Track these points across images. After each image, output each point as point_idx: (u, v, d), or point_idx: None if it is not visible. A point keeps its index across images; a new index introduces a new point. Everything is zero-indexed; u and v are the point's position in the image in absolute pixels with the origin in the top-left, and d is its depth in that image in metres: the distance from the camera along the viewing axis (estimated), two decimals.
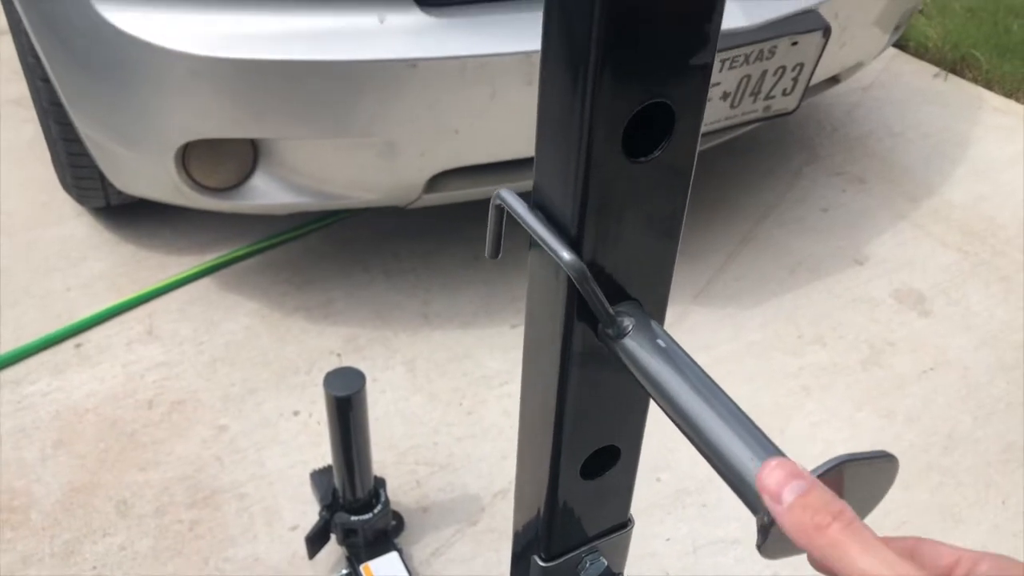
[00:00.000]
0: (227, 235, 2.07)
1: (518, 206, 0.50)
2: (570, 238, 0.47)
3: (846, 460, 0.40)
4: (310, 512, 1.46)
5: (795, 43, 1.64)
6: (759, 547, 0.42)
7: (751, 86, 1.67)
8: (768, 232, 2.19)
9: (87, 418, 1.64)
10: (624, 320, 0.50)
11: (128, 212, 2.09)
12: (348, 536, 1.37)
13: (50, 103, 1.83)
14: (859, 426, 1.69)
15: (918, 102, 2.75)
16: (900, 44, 3.01)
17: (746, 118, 1.75)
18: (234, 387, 1.71)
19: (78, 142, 1.79)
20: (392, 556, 1.37)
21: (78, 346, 1.79)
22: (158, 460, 1.57)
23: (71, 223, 2.11)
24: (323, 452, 1.56)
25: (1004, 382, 1.80)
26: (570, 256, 0.46)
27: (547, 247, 0.47)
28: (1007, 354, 1.87)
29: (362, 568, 1.35)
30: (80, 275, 1.96)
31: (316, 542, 1.37)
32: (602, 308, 0.49)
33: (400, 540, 1.44)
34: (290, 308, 1.90)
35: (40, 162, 2.20)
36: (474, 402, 1.70)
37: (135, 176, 1.72)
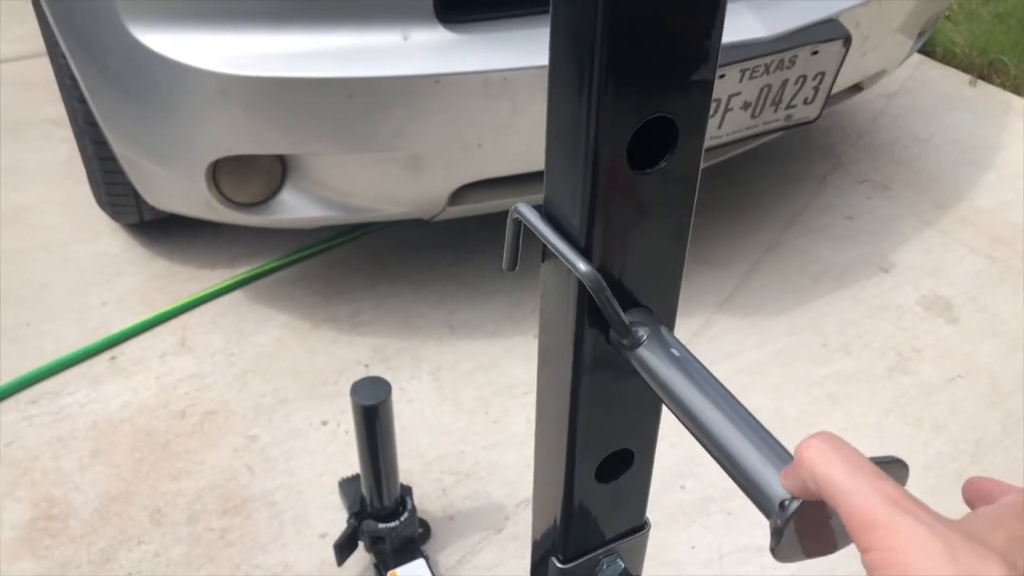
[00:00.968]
0: (257, 249, 2.11)
1: (535, 219, 0.52)
2: (580, 248, 0.49)
3: None
4: (339, 520, 1.49)
5: (815, 52, 1.65)
6: (772, 550, 0.43)
7: (772, 96, 1.68)
8: (793, 240, 2.19)
9: (122, 428, 1.68)
10: (638, 330, 0.52)
11: (161, 228, 2.14)
12: (376, 543, 1.39)
13: (86, 123, 1.88)
14: (886, 433, 1.69)
15: (945, 108, 2.73)
16: (926, 50, 2.99)
17: (767, 127, 1.76)
18: (264, 397, 1.75)
19: (112, 160, 1.84)
20: (419, 563, 1.39)
21: (113, 358, 1.84)
22: (190, 469, 1.61)
23: (106, 239, 2.17)
24: (351, 461, 1.59)
25: None
26: (586, 267, 0.48)
27: (563, 258, 0.49)
28: None
29: (389, 575, 1.37)
30: (115, 289, 2.01)
31: (344, 549, 1.39)
32: (617, 318, 0.50)
33: (427, 547, 1.46)
34: (319, 319, 1.94)
35: (76, 180, 2.26)
36: (499, 411, 1.72)
37: (167, 192, 1.76)
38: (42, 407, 1.72)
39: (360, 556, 1.42)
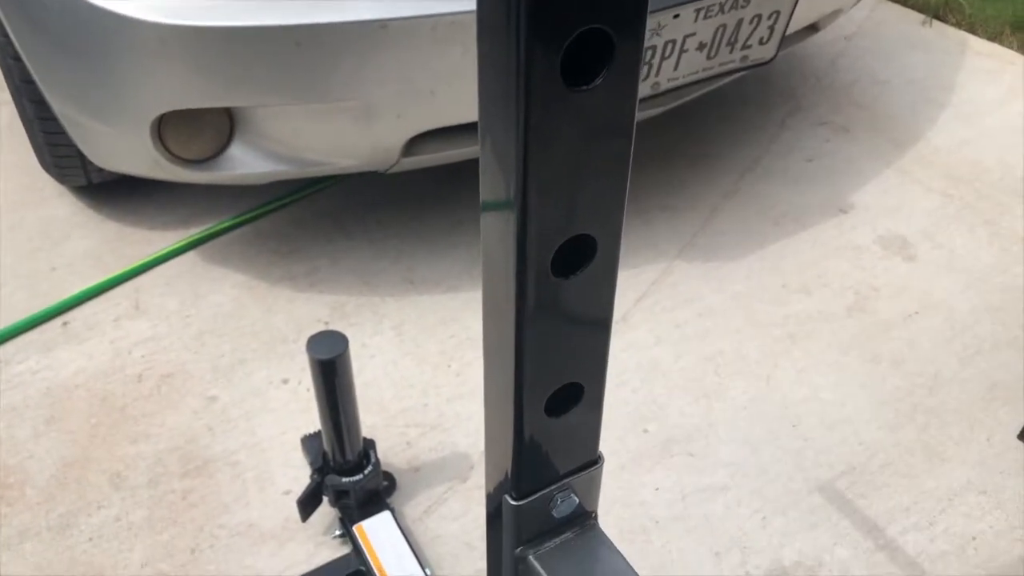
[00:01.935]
0: (210, 208, 2.07)
1: None
2: (517, 169, 0.47)
3: None
4: (302, 477, 1.47)
5: None
6: None
7: (727, 36, 1.66)
8: (752, 185, 2.19)
9: (77, 394, 1.65)
10: None
11: (110, 190, 2.08)
12: (340, 498, 1.38)
13: (22, 81, 1.81)
14: (845, 370, 1.71)
15: (902, 49, 2.73)
16: None
17: (724, 69, 1.74)
18: (223, 358, 1.72)
19: (54, 120, 1.77)
20: (385, 515, 1.38)
21: (65, 324, 1.79)
22: (149, 433, 1.58)
23: (54, 203, 2.11)
24: (313, 418, 1.57)
25: (989, 323, 1.81)
26: None
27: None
28: (992, 295, 1.87)
29: (355, 528, 1.36)
30: (64, 254, 1.96)
31: (308, 505, 1.38)
32: None
33: (392, 500, 1.46)
34: (276, 278, 1.90)
35: (19, 144, 2.19)
36: (461, 364, 1.71)
37: (112, 151, 1.71)
38: None
39: (326, 511, 1.41)
